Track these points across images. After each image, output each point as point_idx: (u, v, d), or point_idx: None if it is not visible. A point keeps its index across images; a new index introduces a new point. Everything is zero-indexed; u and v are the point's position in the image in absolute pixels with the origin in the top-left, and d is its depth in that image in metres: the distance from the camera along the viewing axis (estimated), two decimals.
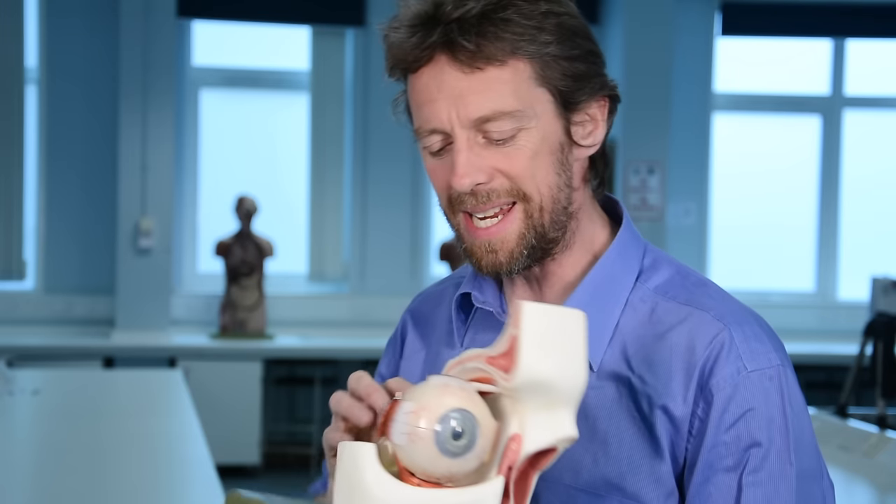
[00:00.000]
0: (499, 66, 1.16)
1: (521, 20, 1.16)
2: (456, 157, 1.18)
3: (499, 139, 1.18)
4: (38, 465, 3.15)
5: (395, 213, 6.87)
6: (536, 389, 1.02)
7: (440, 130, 1.19)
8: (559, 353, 1.03)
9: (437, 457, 0.99)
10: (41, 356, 5.98)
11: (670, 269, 1.27)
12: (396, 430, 1.01)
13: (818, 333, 7.01)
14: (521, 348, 1.02)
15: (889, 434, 3.35)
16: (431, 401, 1.00)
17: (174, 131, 6.65)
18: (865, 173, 7.34)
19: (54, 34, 6.62)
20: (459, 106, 1.17)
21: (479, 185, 1.19)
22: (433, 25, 1.17)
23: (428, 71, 1.18)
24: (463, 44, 1.15)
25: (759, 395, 1.18)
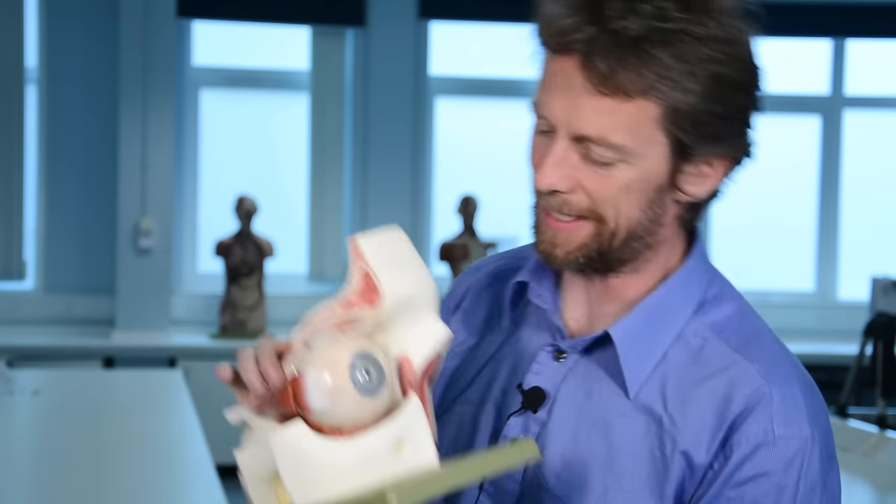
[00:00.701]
0: (624, 99, 1.10)
1: (672, 62, 1.08)
2: (548, 157, 1.14)
3: (596, 161, 1.13)
4: (38, 465, 3.15)
5: (395, 213, 6.87)
6: (403, 308, 1.07)
7: (548, 120, 1.14)
8: (405, 268, 1.09)
9: (361, 401, 1.02)
10: (41, 356, 5.98)
11: (732, 305, 1.22)
12: (315, 398, 1.03)
13: (818, 333, 7.01)
14: (380, 276, 1.07)
15: (889, 434, 3.35)
16: (332, 356, 1.03)
17: (174, 131, 6.65)
18: (865, 173, 7.34)
19: (54, 34, 6.62)
20: (573, 115, 1.12)
21: (558, 192, 1.15)
22: (588, 21, 1.09)
23: (561, 62, 1.12)
24: (598, 65, 1.09)
25: (777, 462, 1.13)
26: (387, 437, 1.03)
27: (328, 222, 6.87)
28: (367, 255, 1.09)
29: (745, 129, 1.17)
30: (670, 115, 1.11)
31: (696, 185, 1.18)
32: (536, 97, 1.16)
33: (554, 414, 1.20)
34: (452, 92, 7.04)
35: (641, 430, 1.17)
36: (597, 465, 1.17)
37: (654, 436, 1.16)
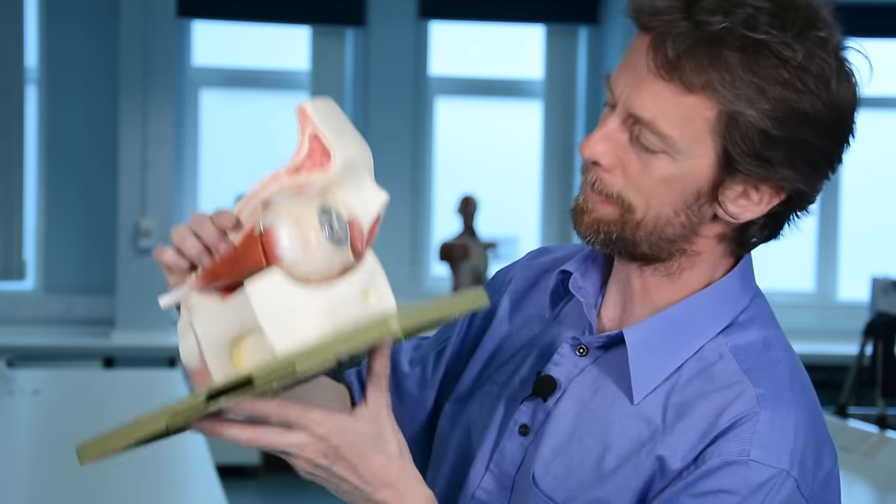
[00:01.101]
0: (683, 90, 1.09)
1: (742, 69, 1.07)
2: (600, 128, 1.14)
3: (642, 145, 1.12)
4: (38, 465, 3.15)
5: (395, 212, 6.85)
6: (350, 170, 1.12)
7: (611, 91, 1.15)
8: (347, 133, 1.14)
9: (331, 251, 1.07)
10: (41, 356, 5.98)
11: (761, 332, 1.20)
12: (287, 250, 1.06)
13: (818, 333, 7.01)
14: (329, 138, 1.12)
15: (889, 434, 3.35)
16: (300, 211, 1.08)
17: (174, 131, 6.65)
18: (865, 173, 7.34)
19: (54, 34, 6.62)
20: (633, 92, 1.11)
21: (598, 166, 1.14)
22: (681, 5, 1.08)
23: (640, 39, 1.12)
24: (666, 49, 1.08)
25: (742, 484, 1.10)
26: (355, 284, 1.08)
27: None
28: (316, 119, 1.13)
29: (810, 171, 1.13)
30: (725, 122, 1.09)
31: (739, 206, 1.15)
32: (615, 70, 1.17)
33: (560, 406, 1.21)
34: (452, 92, 7.04)
35: (634, 435, 1.16)
36: (586, 462, 1.17)
37: (642, 442, 1.16)
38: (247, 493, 5.58)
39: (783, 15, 1.09)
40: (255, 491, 5.71)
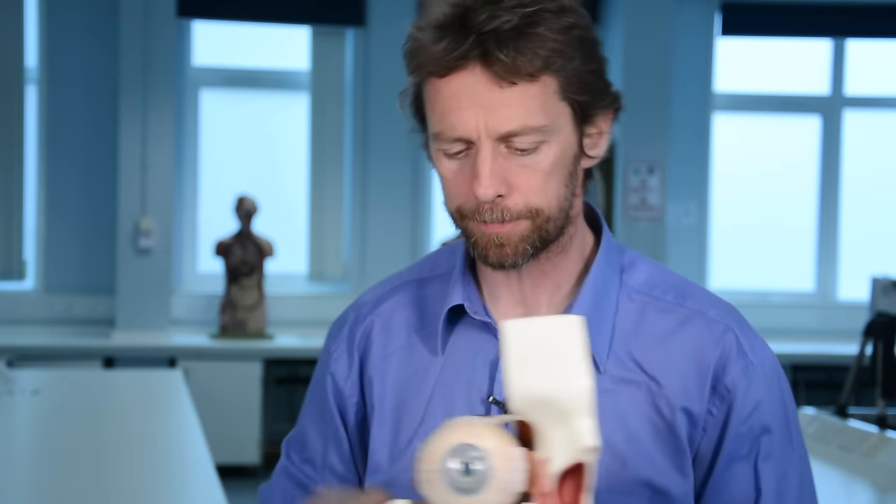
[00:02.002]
0: (531, 81, 1.17)
1: (551, 35, 1.16)
2: (480, 168, 1.18)
3: (521, 149, 1.18)
4: (38, 465, 3.15)
5: (395, 213, 6.87)
6: (540, 407, 1.01)
7: (465, 139, 1.19)
8: (551, 364, 1.02)
9: (452, 498, 0.99)
10: (41, 356, 5.98)
11: (647, 266, 1.31)
12: (419, 482, 1.01)
13: (818, 333, 7.01)
14: (506, 370, 1.02)
15: (889, 434, 3.35)
16: (436, 443, 1.00)
17: (174, 131, 6.65)
18: (865, 173, 7.34)
19: (54, 34, 6.62)
20: (489, 118, 1.17)
21: (498, 198, 1.19)
22: (465, 33, 1.17)
23: (458, 78, 1.18)
24: (500, 57, 1.15)
25: (764, 387, 1.26)
26: None
27: (328, 222, 6.87)
28: (504, 344, 1.04)
29: (607, 79, 1.24)
30: (566, 83, 1.19)
31: (596, 146, 1.25)
32: (437, 127, 1.20)
33: None
34: None
35: (628, 398, 1.24)
36: (608, 445, 1.20)
37: (644, 402, 1.24)
38: (247, 493, 5.57)
39: None
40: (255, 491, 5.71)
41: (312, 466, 1.37)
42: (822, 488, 3.31)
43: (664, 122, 6.72)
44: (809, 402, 5.84)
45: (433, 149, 1.23)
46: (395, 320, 1.35)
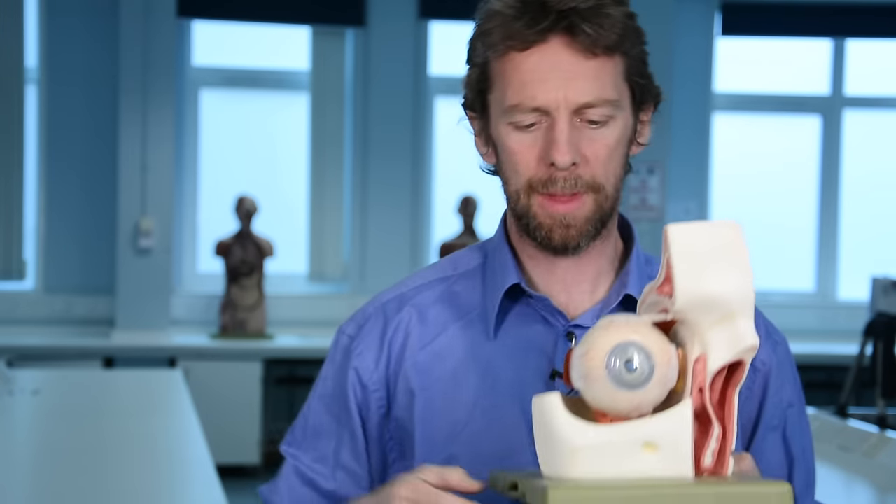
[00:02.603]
0: (609, 55, 1.24)
1: (621, 18, 1.25)
2: (558, 135, 1.23)
3: (593, 121, 1.25)
4: (38, 465, 3.15)
5: (395, 213, 6.87)
6: (704, 306, 1.04)
7: (544, 109, 1.24)
8: (717, 265, 1.05)
9: (615, 392, 1.02)
10: (41, 356, 5.98)
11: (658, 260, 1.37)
12: (575, 376, 1.04)
13: (818, 333, 7.01)
14: (675, 269, 1.05)
15: (889, 434, 3.35)
16: (598, 340, 1.03)
17: (174, 131, 6.65)
18: (865, 173, 7.34)
19: (54, 34, 6.62)
20: (569, 89, 1.23)
21: (572, 166, 1.24)
22: (546, 10, 1.23)
23: (540, 51, 1.24)
24: (585, 29, 1.22)
25: (787, 364, 1.37)
26: (635, 433, 1.02)
27: (328, 222, 6.87)
28: (670, 243, 1.08)
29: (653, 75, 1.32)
30: (630, 66, 1.28)
31: (643, 134, 1.33)
32: (514, 98, 1.25)
33: None
34: (452, 92, 7.04)
35: None
36: None
37: None
38: (247, 493, 5.57)
39: None
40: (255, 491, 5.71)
41: (324, 464, 1.37)
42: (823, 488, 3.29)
43: (664, 122, 6.71)
44: (809, 402, 5.81)
45: (502, 123, 1.27)
46: (431, 313, 1.36)
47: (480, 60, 1.28)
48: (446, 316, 1.35)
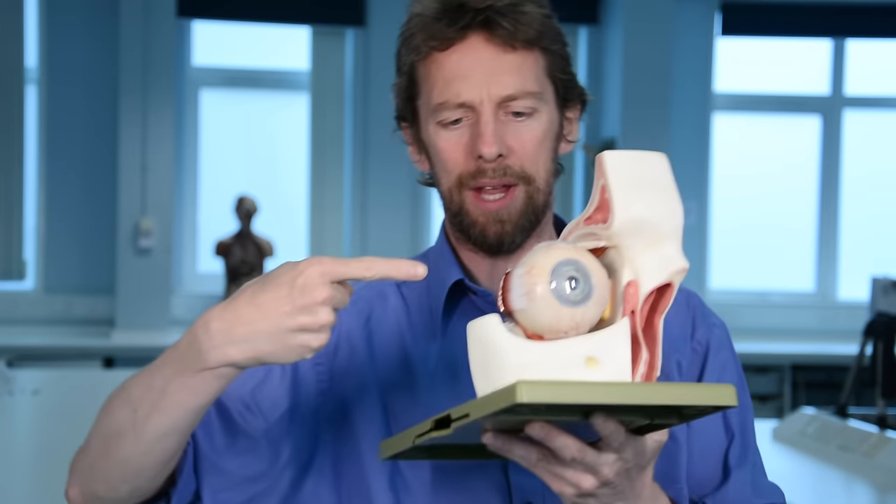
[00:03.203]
0: (528, 50, 1.27)
1: (538, 15, 1.28)
2: (483, 128, 1.26)
3: (518, 113, 1.27)
4: (38, 465, 3.15)
5: (395, 213, 6.87)
6: (637, 230, 1.06)
7: (468, 104, 1.26)
8: (650, 190, 1.07)
9: (558, 308, 1.03)
10: (41, 356, 5.98)
11: None
12: (515, 296, 1.04)
13: (818, 333, 7.01)
14: (612, 192, 1.06)
15: (889, 434, 3.35)
16: (540, 259, 1.04)
17: (174, 131, 6.65)
18: (865, 173, 7.34)
19: (54, 34, 6.62)
20: (492, 82, 1.26)
21: (499, 157, 1.26)
22: (464, 10, 1.26)
23: (460, 49, 1.27)
24: (503, 24, 1.25)
25: (726, 345, 1.40)
26: (577, 348, 1.03)
27: (328, 222, 6.87)
28: (607, 170, 1.08)
29: None
30: (551, 62, 1.30)
31: (571, 132, 1.35)
32: (439, 97, 1.27)
33: None
34: None
35: None
36: None
37: None
38: None
39: None
40: None
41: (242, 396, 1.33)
42: (823, 488, 3.29)
43: (664, 121, 6.72)
44: (809, 402, 5.84)
45: (430, 125, 1.29)
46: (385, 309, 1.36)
47: (406, 66, 1.31)
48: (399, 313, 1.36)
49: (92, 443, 1.25)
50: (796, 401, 6.30)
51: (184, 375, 1.12)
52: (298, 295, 1.04)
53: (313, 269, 1.05)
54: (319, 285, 1.04)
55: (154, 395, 1.14)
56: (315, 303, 1.04)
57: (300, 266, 1.06)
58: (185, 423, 1.15)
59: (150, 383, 1.16)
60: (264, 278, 1.08)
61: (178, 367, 1.13)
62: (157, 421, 1.14)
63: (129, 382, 1.21)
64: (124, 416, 1.17)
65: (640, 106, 6.57)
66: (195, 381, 1.11)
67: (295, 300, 1.04)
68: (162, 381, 1.14)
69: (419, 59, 1.29)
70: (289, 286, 1.05)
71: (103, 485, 1.24)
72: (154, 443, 1.16)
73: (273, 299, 1.05)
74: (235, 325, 1.07)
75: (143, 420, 1.15)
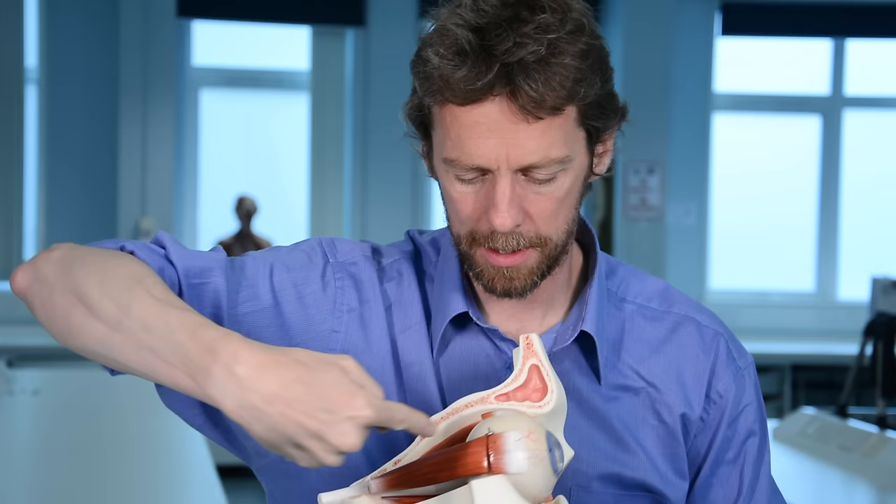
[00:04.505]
0: (555, 115, 1.12)
1: (574, 64, 1.12)
2: (499, 199, 1.14)
3: (539, 180, 1.15)
4: (38, 465, 3.15)
5: (395, 213, 6.87)
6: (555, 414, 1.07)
7: (483, 168, 1.15)
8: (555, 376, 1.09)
9: (549, 476, 1.03)
10: (41, 356, 5.98)
11: (625, 272, 1.32)
12: (515, 459, 1.01)
13: (818, 333, 7.01)
14: (551, 375, 1.07)
15: (889, 434, 3.35)
16: (530, 425, 1.03)
17: (174, 131, 6.65)
18: (865, 173, 7.34)
19: (54, 34, 6.62)
20: (511, 150, 1.13)
21: (515, 227, 1.16)
22: (489, 62, 1.11)
23: (480, 109, 1.13)
24: (528, 92, 1.10)
25: (750, 390, 1.30)
26: None
27: (328, 222, 6.87)
28: (540, 352, 1.08)
29: (617, 93, 1.21)
30: (586, 110, 1.15)
31: (602, 163, 1.22)
32: (452, 153, 1.15)
33: None
34: None
35: (629, 406, 1.25)
36: (613, 451, 1.23)
37: (644, 408, 1.25)
38: (247, 493, 5.58)
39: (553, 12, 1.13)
40: (255, 491, 5.71)
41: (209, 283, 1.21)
42: (823, 488, 3.30)
43: (664, 122, 6.72)
44: (809, 402, 5.84)
45: (442, 169, 1.19)
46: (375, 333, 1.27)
47: (420, 96, 1.21)
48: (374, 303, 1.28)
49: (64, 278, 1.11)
50: (796, 401, 6.30)
51: (175, 367, 1.03)
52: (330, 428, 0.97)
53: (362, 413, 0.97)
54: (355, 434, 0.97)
55: (142, 339, 1.04)
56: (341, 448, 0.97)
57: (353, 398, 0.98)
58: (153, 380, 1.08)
59: (148, 325, 1.04)
60: (314, 366, 0.99)
61: (179, 356, 1.03)
62: (130, 359, 1.06)
63: (140, 285, 1.08)
64: (108, 311, 1.07)
65: (640, 106, 6.57)
66: (182, 379, 1.03)
67: (324, 428, 0.97)
68: (158, 343, 1.03)
69: (434, 102, 1.18)
70: (326, 412, 0.97)
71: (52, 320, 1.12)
72: (116, 362, 1.08)
73: (306, 404, 0.97)
74: (255, 390, 0.98)
75: (119, 342, 1.06)
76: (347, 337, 1.24)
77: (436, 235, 1.34)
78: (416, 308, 1.27)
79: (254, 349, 1.00)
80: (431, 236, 1.35)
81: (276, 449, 0.99)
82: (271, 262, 1.25)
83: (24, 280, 1.14)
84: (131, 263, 1.12)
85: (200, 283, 1.20)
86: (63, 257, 1.13)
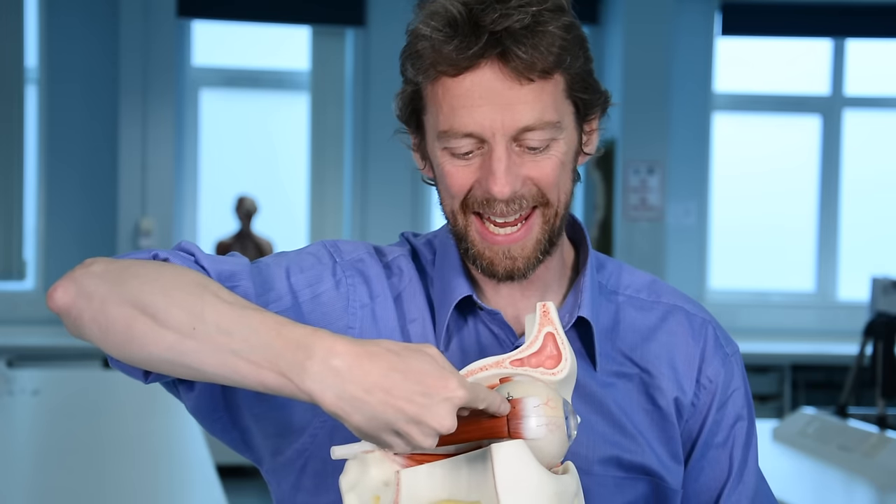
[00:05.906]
0: (546, 78, 1.17)
1: (559, 33, 1.16)
2: (496, 166, 1.17)
3: (533, 147, 1.18)
4: (38, 465, 3.15)
5: (395, 213, 6.87)
6: (568, 381, 1.11)
7: (478, 136, 1.18)
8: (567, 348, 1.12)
9: (564, 442, 1.06)
10: (41, 356, 5.98)
11: (614, 266, 1.35)
12: (532, 425, 1.04)
13: (818, 333, 7.01)
14: (565, 344, 1.10)
15: (889, 434, 3.35)
16: (548, 392, 1.06)
17: (174, 131, 6.65)
18: (865, 174, 7.34)
19: (54, 34, 6.62)
20: (505, 115, 1.16)
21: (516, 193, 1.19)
22: (478, 32, 1.16)
23: (472, 77, 1.17)
24: (519, 54, 1.15)
25: (738, 376, 1.34)
26: (571, 484, 1.07)
27: (328, 222, 6.87)
28: (555, 320, 1.11)
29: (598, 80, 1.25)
30: (571, 82, 1.19)
31: (590, 143, 1.26)
32: (445, 124, 1.18)
33: None
34: None
35: (623, 391, 1.28)
36: (610, 436, 1.26)
37: (638, 393, 1.29)
38: (247, 493, 5.58)
39: None
40: (255, 491, 5.71)
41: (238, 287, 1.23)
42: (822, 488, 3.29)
43: (664, 122, 6.72)
44: (809, 402, 5.84)
45: (436, 147, 1.22)
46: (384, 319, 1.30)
47: (412, 81, 1.23)
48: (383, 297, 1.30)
49: (117, 290, 1.12)
50: (796, 401, 6.30)
51: (262, 366, 1.03)
52: (428, 411, 0.99)
53: (457, 395, 1.00)
54: (451, 416, 1.00)
55: (221, 343, 1.05)
56: (439, 430, 1.00)
57: (447, 381, 1.00)
58: (226, 383, 1.08)
59: (227, 328, 1.05)
60: (404, 354, 1.02)
61: (266, 355, 1.03)
62: (206, 363, 1.06)
63: (207, 291, 1.08)
64: (178, 318, 1.07)
65: (640, 106, 6.57)
66: (270, 378, 1.03)
67: (423, 411, 0.99)
68: (241, 345, 1.04)
69: (426, 80, 1.21)
70: (424, 397, 1.00)
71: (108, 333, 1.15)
72: (189, 368, 1.08)
73: (405, 391, 1.00)
74: (355, 381, 1.00)
75: (193, 348, 1.06)
76: (362, 332, 1.26)
77: (429, 237, 1.37)
78: (419, 300, 1.29)
79: (347, 342, 1.02)
80: (426, 238, 1.38)
81: (373, 438, 1.02)
82: (286, 264, 1.27)
83: (66, 296, 1.19)
84: (186, 271, 1.13)
85: (231, 286, 1.21)
86: (107, 270, 1.17)
